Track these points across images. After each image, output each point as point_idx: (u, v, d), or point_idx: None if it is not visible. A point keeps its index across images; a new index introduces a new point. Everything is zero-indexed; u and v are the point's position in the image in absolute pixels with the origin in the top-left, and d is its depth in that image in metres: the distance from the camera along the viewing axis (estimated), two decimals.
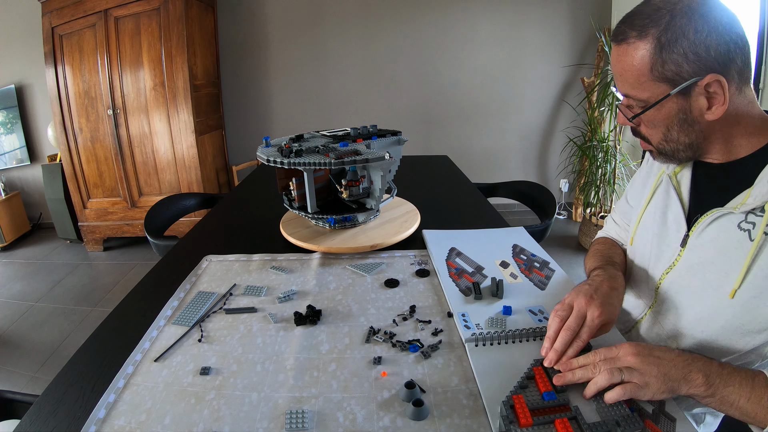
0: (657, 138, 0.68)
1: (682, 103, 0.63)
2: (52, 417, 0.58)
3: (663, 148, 0.69)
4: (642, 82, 0.63)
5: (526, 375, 0.62)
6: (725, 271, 0.64)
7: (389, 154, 1.00)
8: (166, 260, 1.08)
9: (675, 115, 0.64)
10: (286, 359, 0.69)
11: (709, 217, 0.67)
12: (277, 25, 3.44)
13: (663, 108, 0.64)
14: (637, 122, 0.69)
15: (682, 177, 0.76)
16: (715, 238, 0.66)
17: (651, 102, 0.64)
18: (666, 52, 0.60)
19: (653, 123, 0.67)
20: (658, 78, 0.61)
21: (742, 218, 0.63)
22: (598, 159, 3.07)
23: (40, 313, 2.46)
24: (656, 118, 0.66)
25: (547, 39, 3.39)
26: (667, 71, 0.60)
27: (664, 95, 0.62)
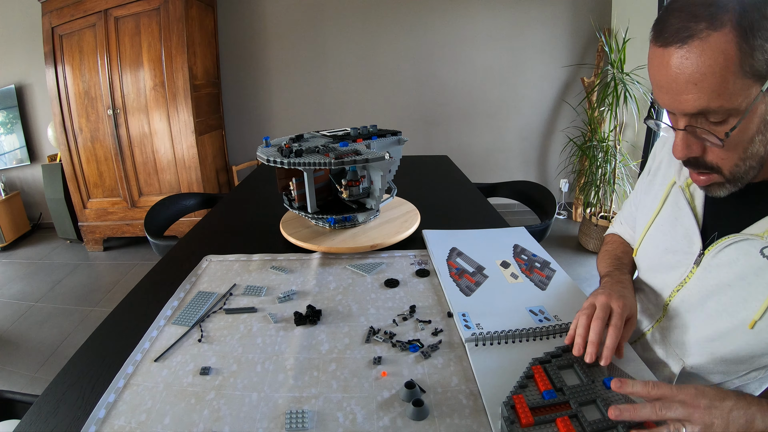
0: (735, 159, 0.55)
1: (765, 104, 0.51)
2: (52, 417, 0.58)
3: (738, 171, 0.56)
4: (730, 85, 0.49)
5: (525, 374, 0.62)
6: (743, 298, 0.60)
7: (389, 154, 1.00)
8: (166, 260, 1.08)
9: (762, 118, 0.52)
10: (286, 359, 0.69)
11: (728, 240, 0.62)
12: (277, 25, 3.44)
13: (753, 113, 0.51)
14: (722, 143, 0.53)
15: (695, 189, 0.69)
16: (733, 261, 0.61)
17: (743, 108, 0.50)
18: (752, 38, 0.47)
19: (740, 138, 0.53)
20: (749, 73, 0.48)
21: (765, 244, 0.57)
22: (598, 159, 3.07)
23: (40, 313, 2.46)
24: (746, 128, 0.52)
25: (547, 39, 3.39)
26: (758, 62, 0.48)
27: (756, 95, 0.49)
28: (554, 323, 0.75)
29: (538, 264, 0.97)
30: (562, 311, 0.79)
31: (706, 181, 0.59)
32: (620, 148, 3.04)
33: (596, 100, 3.15)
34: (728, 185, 0.59)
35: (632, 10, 3.02)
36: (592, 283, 2.59)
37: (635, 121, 2.96)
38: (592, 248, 2.99)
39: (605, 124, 3.15)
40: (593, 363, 0.62)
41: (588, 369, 0.63)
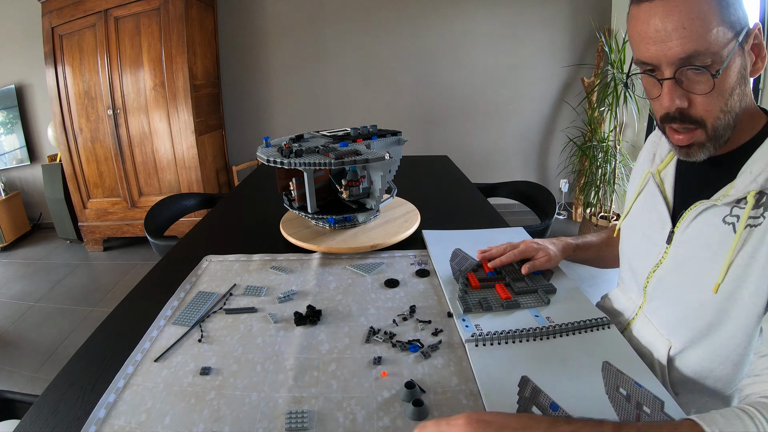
0: (717, 109, 0.58)
1: (741, 59, 0.56)
2: (52, 417, 0.58)
3: (719, 125, 0.59)
4: (713, 30, 0.53)
5: (476, 263, 0.93)
6: (709, 266, 0.63)
7: (389, 154, 1.00)
8: (166, 260, 1.08)
9: (738, 71, 0.56)
10: (286, 359, 0.69)
11: (694, 211, 0.65)
12: (277, 25, 3.44)
13: (733, 62, 0.55)
14: (703, 90, 0.57)
15: (666, 175, 0.75)
16: (700, 233, 0.65)
17: (726, 53, 0.54)
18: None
19: (724, 87, 0.57)
20: (727, 24, 0.54)
21: (726, 212, 0.61)
22: (598, 159, 3.07)
23: (40, 313, 2.46)
24: (728, 76, 0.56)
25: (547, 39, 3.39)
26: (731, 14, 0.54)
27: (735, 44, 0.54)
28: (554, 324, 0.75)
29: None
30: (561, 312, 0.79)
31: (689, 138, 0.62)
32: (620, 148, 3.04)
33: (596, 100, 3.15)
34: (708, 144, 0.61)
35: None
36: (592, 284, 2.59)
37: (635, 121, 2.96)
38: None
39: (605, 124, 3.15)
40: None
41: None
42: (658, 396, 0.59)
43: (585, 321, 0.75)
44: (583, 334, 0.73)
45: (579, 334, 0.73)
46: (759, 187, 0.57)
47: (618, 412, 0.56)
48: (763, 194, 0.58)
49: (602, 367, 0.65)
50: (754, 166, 0.59)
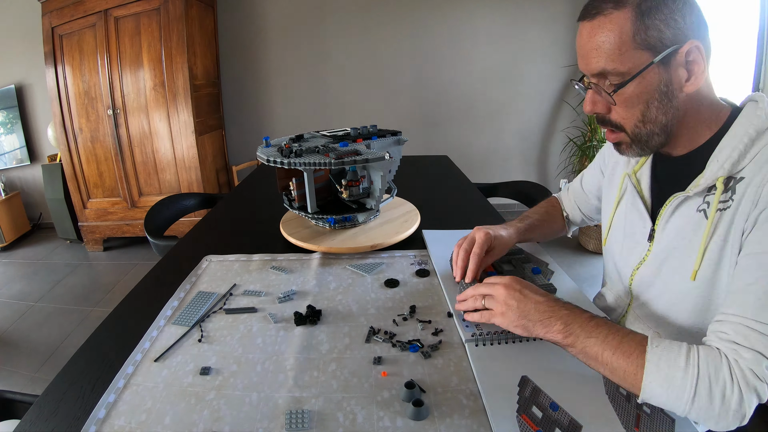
0: (634, 119, 0.65)
1: (663, 74, 0.61)
2: (52, 417, 0.58)
3: (639, 132, 0.66)
4: (624, 52, 0.60)
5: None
6: (687, 255, 0.66)
7: (389, 154, 1.00)
8: (166, 260, 1.08)
9: (656, 87, 0.62)
10: (286, 359, 0.69)
11: (670, 205, 0.69)
12: (277, 25, 3.44)
13: (645, 79, 0.61)
14: (615, 101, 0.65)
15: (641, 175, 0.78)
16: (678, 226, 0.68)
17: (633, 72, 0.61)
18: (648, 18, 0.59)
19: (633, 100, 0.63)
20: (641, 45, 0.60)
21: (699, 202, 0.65)
22: None
23: (40, 313, 2.46)
24: (638, 92, 0.62)
25: (547, 39, 3.39)
26: (650, 37, 0.59)
27: (648, 63, 0.60)
28: None
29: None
30: None
31: (615, 138, 0.70)
32: None
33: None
34: (634, 146, 0.68)
35: None
36: (593, 283, 2.59)
37: None
38: (591, 248, 2.99)
39: None
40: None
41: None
42: None
43: None
44: None
45: None
46: (726, 173, 0.61)
47: (618, 412, 0.56)
48: (730, 179, 0.61)
49: None
50: (720, 154, 0.62)
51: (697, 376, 0.52)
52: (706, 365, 0.53)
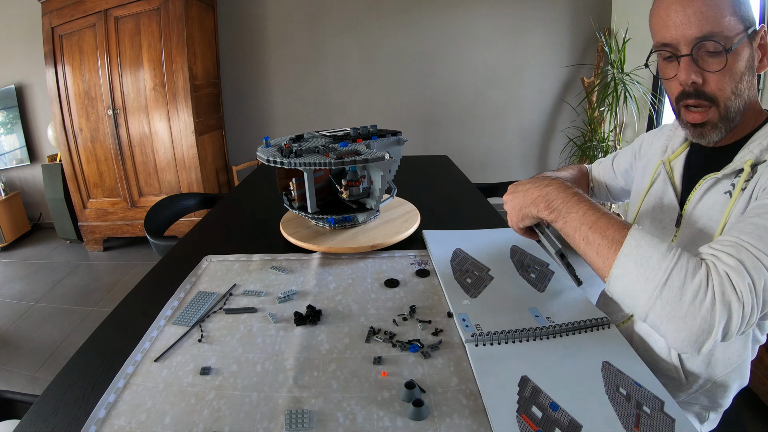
0: (729, 90, 0.64)
1: (750, 49, 0.63)
2: (52, 417, 0.58)
3: (730, 105, 0.65)
4: (727, 18, 0.61)
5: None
6: (711, 233, 0.67)
7: (389, 154, 1.00)
8: (166, 260, 1.08)
9: (746, 60, 0.63)
10: (286, 359, 0.69)
11: (700, 189, 0.70)
12: (277, 25, 3.44)
13: (742, 49, 0.63)
14: (716, 68, 0.63)
15: (675, 164, 0.79)
16: (706, 208, 0.69)
17: (735, 41, 0.61)
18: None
19: (732, 69, 0.63)
20: (738, 14, 0.61)
21: (727, 185, 0.66)
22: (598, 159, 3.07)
23: (40, 313, 2.46)
24: (735, 61, 0.63)
25: (547, 39, 3.39)
26: (742, 11, 0.62)
27: (743, 35, 0.62)
28: (554, 324, 0.75)
29: (538, 266, 0.97)
30: (561, 312, 0.79)
31: (703, 117, 0.67)
32: (620, 148, 3.04)
33: (596, 100, 3.15)
34: (720, 125, 0.67)
35: (632, 10, 3.02)
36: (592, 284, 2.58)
37: (635, 121, 2.96)
38: None
39: (605, 124, 3.15)
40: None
41: None
42: (658, 396, 0.59)
43: (585, 321, 0.75)
44: (583, 334, 0.73)
45: (579, 334, 0.73)
46: (754, 158, 0.63)
47: (618, 412, 0.56)
48: (757, 164, 0.63)
49: (602, 367, 0.65)
50: (751, 144, 0.65)
51: (676, 263, 0.51)
52: (687, 260, 0.52)
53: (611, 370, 0.64)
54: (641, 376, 0.63)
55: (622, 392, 0.59)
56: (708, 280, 0.50)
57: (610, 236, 0.57)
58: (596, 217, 0.60)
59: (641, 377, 0.63)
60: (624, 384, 0.61)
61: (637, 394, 0.59)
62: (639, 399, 0.58)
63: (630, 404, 0.58)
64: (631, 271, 0.53)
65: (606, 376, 0.63)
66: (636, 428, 0.54)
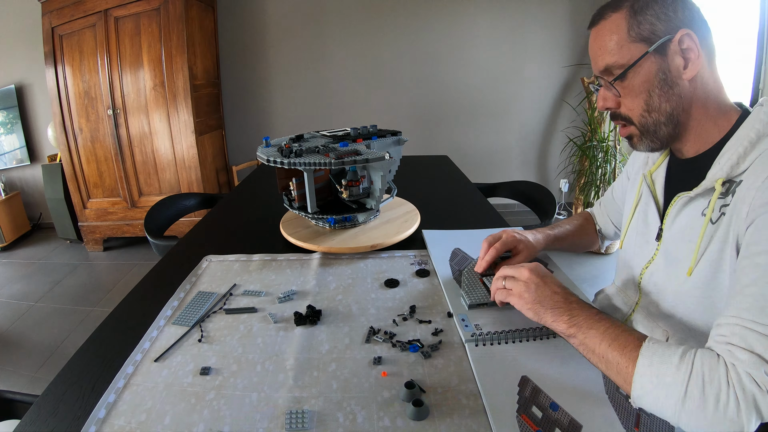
0: (639, 109, 0.69)
1: (661, 63, 0.66)
2: (52, 417, 0.58)
3: (645, 122, 0.69)
4: (621, 47, 0.67)
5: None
6: (688, 253, 0.68)
7: (389, 154, 1.00)
8: (166, 260, 1.08)
9: (655, 75, 0.66)
10: (286, 359, 0.69)
11: (675, 205, 0.71)
12: (277, 25, 3.44)
13: (643, 68, 0.66)
14: (620, 92, 0.70)
15: (657, 176, 0.80)
16: (683, 226, 0.70)
17: (631, 63, 0.67)
18: (640, 15, 0.65)
19: (635, 89, 0.68)
20: (636, 38, 0.66)
21: (704, 204, 0.66)
22: (598, 159, 3.07)
23: (40, 313, 2.46)
24: (638, 81, 0.67)
25: (547, 39, 3.39)
26: (643, 31, 0.65)
27: (643, 53, 0.66)
28: None
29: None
30: None
31: (626, 132, 0.73)
32: (620, 148, 3.04)
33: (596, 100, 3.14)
34: (644, 138, 0.71)
35: None
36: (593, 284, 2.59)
37: None
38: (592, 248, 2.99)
39: (605, 124, 3.15)
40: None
41: None
42: None
43: None
44: None
45: None
46: (725, 175, 0.62)
47: (618, 412, 0.56)
48: (732, 182, 0.62)
49: None
50: (722, 158, 0.64)
51: (690, 373, 0.50)
52: (701, 364, 0.50)
53: None
54: None
55: (622, 392, 0.59)
56: (728, 379, 0.49)
57: (627, 354, 0.55)
58: (616, 334, 0.58)
59: None
60: None
61: None
62: None
63: (630, 404, 0.58)
64: (649, 391, 0.52)
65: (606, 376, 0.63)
66: (636, 428, 0.54)
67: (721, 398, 0.48)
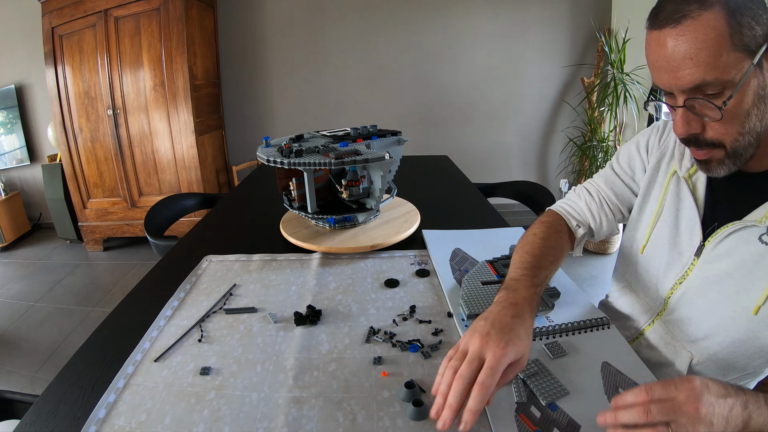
0: (734, 132, 0.56)
1: (760, 77, 0.54)
2: (52, 417, 0.58)
3: (738, 146, 0.57)
4: (723, 58, 0.52)
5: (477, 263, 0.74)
6: (745, 285, 0.61)
7: (389, 154, 1.00)
8: (166, 260, 1.08)
9: (755, 92, 0.54)
10: (286, 359, 0.69)
11: (728, 229, 0.63)
12: (277, 25, 3.44)
13: (747, 86, 0.53)
14: (722, 115, 0.55)
15: (697, 179, 0.70)
16: (732, 249, 0.63)
17: (738, 79, 0.53)
18: (739, 15, 0.51)
19: (737, 111, 0.55)
20: (739, 47, 0.52)
21: (763, 231, 0.59)
22: (598, 159, 3.07)
23: (40, 313, 2.46)
24: (740, 101, 0.54)
25: (547, 39, 3.39)
26: (745, 36, 0.52)
27: (749, 67, 0.52)
28: (554, 324, 0.75)
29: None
30: (561, 312, 0.79)
31: (707, 154, 0.60)
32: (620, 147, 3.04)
33: (596, 100, 3.15)
34: (728, 161, 0.59)
35: (632, 10, 3.02)
36: (593, 283, 2.58)
37: (635, 121, 2.96)
38: (591, 248, 2.99)
39: (605, 124, 3.15)
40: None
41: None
42: None
43: (585, 321, 0.75)
44: (582, 334, 0.73)
45: (579, 334, 0.73)
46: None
47: None
48: None
49: (602, 368, 0.65)
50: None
51: None
52: None
53: (610, 371, 0.64)
54: (641, 377, 0.63)
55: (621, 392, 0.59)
56: None
57: None
58: None
59: (641, 377, 0.63)
60: (623, 384, 0.61)
61: None
62: None
63: None
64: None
65: (605, 376, 0.63)
66: None
67: None
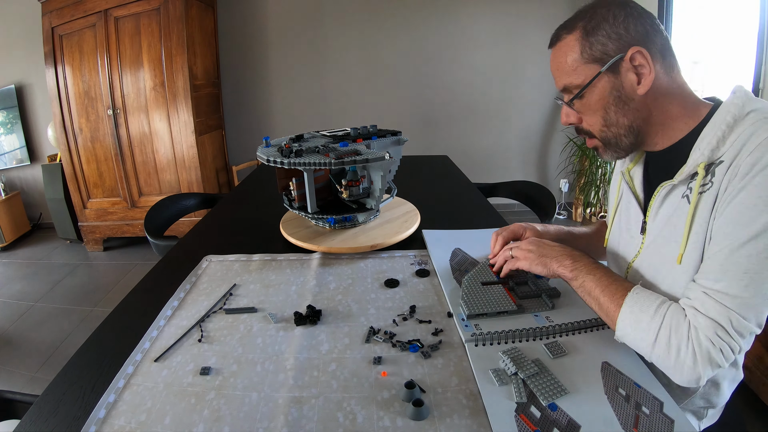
0: (598, 125, 0.73)
1: (614, 81, 0.68)
2: (52, 417, 0.59)
3: (605, 135, 0.73)
4: (576, 68, 0.70)
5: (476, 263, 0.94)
6: (674, 241, 0.68)
7: (389, 154, 1.00)
8: (166, 260, 1.08)
9: (609, 93, 0.69)
10: (286, 359, 0.69)
11: (658, 196, 0.72)
12: (277, 25, 3.44)
13: (597, 87, 0.69)
14: (578, 110, 0.74)
15: (634, 173, 0.82)
16: (666, 215, 0.71)
17: (585, 83, 0.70)
18: (591, 36, 0.68)
19: (592, 107, 0.71)
20: (589, 60, 0.69)
21: (684, 189, 0.68)
22: (598, 159, 3.07)
23: (40, 313, 2.46)
24: (594, 100, 0.71)
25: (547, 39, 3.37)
26: (595, 52, 0.68)
27: (596, 74, 0.69)
28: (554, 324, 0.75)
29: None
30: (561, 312, 0.79)
31: (591, 144, 0.78)
32: None
33: None
34: (608, 149, 0.75)
35: None
36: None
37: None
38: None
39: None
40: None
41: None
42: (657, 396, 0.59)
43: (584, 321, 0.75)
44: (582, 334, 0.73)
45: (578, 334, 0.73)
46: (706, 159, 0.64)
47: (617, 413, 0.57)
48: (711, 165, 0.64)
49: (602, 368, 0.65)
50: (701, 143, 0.65)
51: (661, 323, 0.60)
52: (671, 318, 0.60)
53: (610, 371, 0.64)
54: (640, 377, 0.63)
55: (621, 393, 0.60)
56: (688, 336, 0.59)
57: (615, 300, 0.66)
58: (608, 282, 0.69)
59: (640, 378, 0.63)
60: (623, 384, 0.61)
61: (636, 394, 0.59)
62: (638, 399, 0.59)
63: (629, 405, 0.58)
64: (628, 333, 0.64)
65: (605, 376, 0.63)
66: (635, 429, 0.54)
67: (681, 350, 0.58)
